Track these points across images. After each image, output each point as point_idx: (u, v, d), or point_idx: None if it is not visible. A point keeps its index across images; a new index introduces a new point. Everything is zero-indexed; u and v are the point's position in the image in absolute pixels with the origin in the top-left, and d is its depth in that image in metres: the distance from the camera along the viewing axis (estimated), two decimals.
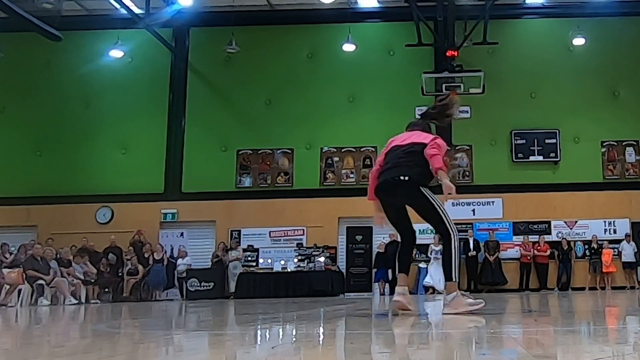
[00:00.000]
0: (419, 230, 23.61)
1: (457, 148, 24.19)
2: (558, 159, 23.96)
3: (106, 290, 22.04)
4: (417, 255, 23.10)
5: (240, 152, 24.66)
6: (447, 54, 21.30)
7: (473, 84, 21.43)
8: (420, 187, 6.93)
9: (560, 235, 23.31)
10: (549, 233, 23.46)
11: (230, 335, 5.28)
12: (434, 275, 22.43)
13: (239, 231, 23.95)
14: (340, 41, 24.40)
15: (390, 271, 22.67)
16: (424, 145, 6.94)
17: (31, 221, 24.21)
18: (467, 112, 22.31)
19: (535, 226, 23.56)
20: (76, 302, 18.80)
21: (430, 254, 22.68)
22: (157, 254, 22.59)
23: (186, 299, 21.73)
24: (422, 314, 8.12)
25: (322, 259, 22.87)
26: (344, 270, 23.65)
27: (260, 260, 23.34)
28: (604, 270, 22.76)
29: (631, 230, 23.09)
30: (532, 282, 22.94)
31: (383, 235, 23.29)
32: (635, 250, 22.78)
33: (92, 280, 21.12)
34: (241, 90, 24.87)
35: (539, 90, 24.34)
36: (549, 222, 23.58)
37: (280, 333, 5.41)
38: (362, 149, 24.41)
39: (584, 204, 23.49)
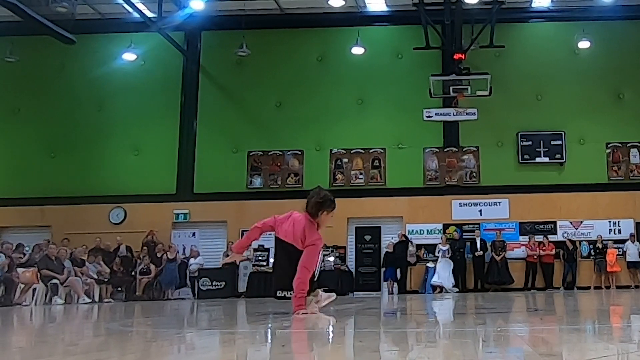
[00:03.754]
0: (427, 230, 23.65)
1: (464, 150, 24.44)
2: (563, 160, 24.13)
3: (119, 289, 22.19)
4: (424, 255, 23.38)
5: (251, 154, 24.85)
6: (455, 57, 21.35)
7: (480, 87, 21.45)
8: None
9: (565, 235, 23.51)
10: (555, 233, 23.61)
11: (241, 334, 5.34)
12: (442, 274, 22.68)
13: None
14: (350, 44, 24.65)
15: (398, 270, 22.93)
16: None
17: (45, 221, 24.42)
18: (474, 114, 22.41)
19: (541, 226, 23.68)
20: (90, 301, 19.00)
21: (438, 253, 22.92)
22: (171, 254, 22.85)
23: (198, 298, 21.87)
24: (430, 313, 8.28)
25: (331, 258, 22.95)
26: (353, 270, 23.78)
27: (271, 260, 23.28)
28: (608, 269, 22.90)
29: (635, 230, 23.28)
30: (538, 282, 23.08)
31: (392, 235, 23.59)
32: None
33: (106, 280, 21.32)
34: (252, 93, 25.05)
35: (545, 93, 24.51)
36: (554, 223, 23.72)
37: (290, 331, 5.40)
38: (370, 151, 24.60)
39: (589, 205, 23.65)
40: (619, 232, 23.52)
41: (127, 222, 24.52)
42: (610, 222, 23.65)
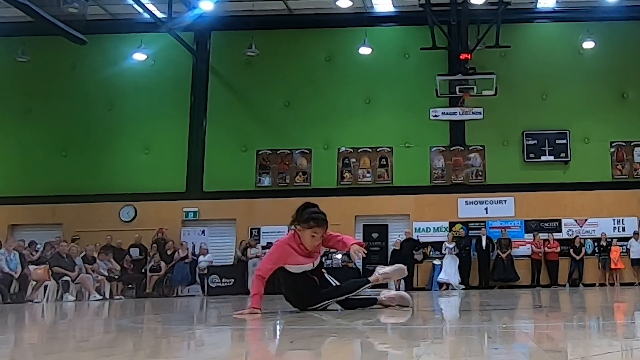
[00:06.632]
0: (433, 228, 23.74)
1: (470, 148, 24.61)
2: (568, 159, 24.30)
3: (129, 286, 22.35)
4: (431, 253, 23.57)
5: (259, 152, 25.04)
6: (461, 57, 21.49)
7: (486, 86, 21.60)
8: None
9: (570, 233, 23.70)
10: (560, 231, 23.79)
11: (250, 330, 5.29)
12: (448, 271, 22.89)
13: (259, 229, 24.21)
14: (357, 44, 24.79)
15: (405, 268, 23.11)
16: None
17: (57, 219, 24.65)
18: (479, 113, 22.57)
19: (546, 224, 23.86)
20: (100, 297, 19.17)
21: (444, 251, 23.12)
22: (182, 251, 23.06)
23: (207, 295, 22.01)
24: (437, 310, 8.40)
25: (339, 256, 22.98)
26: (360, 267, 23.92)
27: None
28: (612, 267, 23.07)
29: (639, 228, 23.42)
30: (543, 279, 23.26)
31: (399, 232, 23.79)
32: None
33: (116, 277, 21.49)
34: (261, 93, 25.22)
35: (550, 92, 24.66)
36: (559, 220, 23.90)
37: (299, 327, 5.34)
38: (378, 149, 24.77)
39: (593, 203, 23.82)
40: (623, 229, 23.70)
41: (137, 220, 24.72)
42: (614, 219, 23.82)
